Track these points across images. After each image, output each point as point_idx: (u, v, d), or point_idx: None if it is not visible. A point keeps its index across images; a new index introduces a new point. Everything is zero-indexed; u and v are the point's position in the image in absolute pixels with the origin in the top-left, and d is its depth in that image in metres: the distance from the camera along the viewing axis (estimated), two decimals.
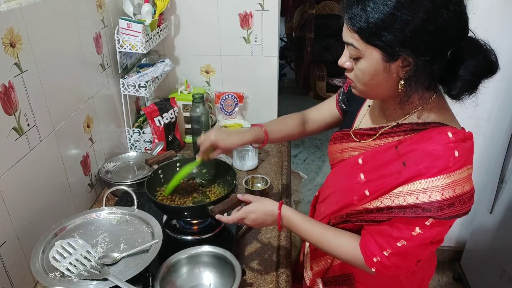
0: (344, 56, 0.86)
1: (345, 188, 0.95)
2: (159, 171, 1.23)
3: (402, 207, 0.81)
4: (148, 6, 1.54)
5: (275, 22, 1.73)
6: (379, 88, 0.85)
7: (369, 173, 0.89)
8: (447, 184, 0.77)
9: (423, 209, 0.78)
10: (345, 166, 0.99)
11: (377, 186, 0.86)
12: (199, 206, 1.07)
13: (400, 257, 0.85)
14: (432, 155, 0.79)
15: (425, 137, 0.81)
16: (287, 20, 4.51)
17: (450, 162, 0.78)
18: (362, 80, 0.84)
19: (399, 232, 0.83)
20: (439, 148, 0.78)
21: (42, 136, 1.08)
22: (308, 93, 4.67)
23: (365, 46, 0.78)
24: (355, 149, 0.98)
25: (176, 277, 1.00)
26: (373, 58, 0.79)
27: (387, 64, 0.79)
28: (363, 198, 0.88)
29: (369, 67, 0.81)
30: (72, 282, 0.85)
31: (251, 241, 1.22)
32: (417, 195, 0.79)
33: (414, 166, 0.80)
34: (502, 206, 1.83)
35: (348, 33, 0.80)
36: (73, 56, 1.24)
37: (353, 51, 0.81)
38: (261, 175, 1.50)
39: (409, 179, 0.80)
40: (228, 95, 1.85)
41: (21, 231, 1.00)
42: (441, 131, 0.81)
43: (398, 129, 0.89)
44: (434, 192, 0.78)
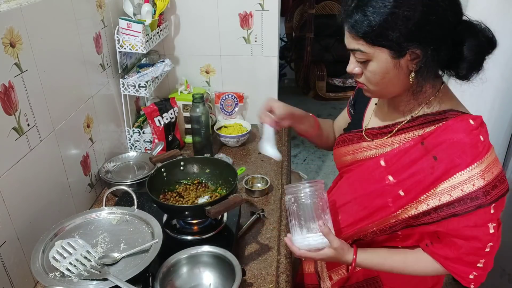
0: (351, 63, 0.88)
1: (372, 194, 0.93)
2: (162, 169, 1.23)
3: (450, 203, 0.82)
4: (148, 6, 1.54)
5: (275, 22, 1.73)
6: (391, 85, 0.87)
7: (398, 173, 0.88)
8: (484, 168, 0.80)
9: (471, 198, 0.80)
10: (364, 171, 0.97)
11: (411, 185, 0.86)
12: (198, 206, 1.07)
13: (491, 258, 0.85)
14: (461, 144, 0.80)
15: (449, 128, 0.83)
16: (287, 20, 4.51)
17: (479, 148, 0.80)
18: (374, 80, 0.86)
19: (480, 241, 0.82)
20: (467, 137, 0.80)
21: (42, 136, 1.08)
22: (308, 93, 4.66)
23: (373, 48, 0.81)
24: (369, 149, 0.98)
25: (176, 277, 1.00)
26: (382, 57, 0.82)
27: (397, 60, 0.81)
28: (398, 198, 0.88)
29: (380, 67, 0.83)
30: (72, 282, 0.85)
31: (251, 241, 1.22)
32: (461, 188, 0.80)
33: (447, 158, 0.81)
34: None
35: (352, 40, 0.83)
36: (73, 56, 1.24)
37: (361, 55, 0.83)
38: (261, 175, 1.50)
39: (446, 172, 0.81)
40: (228, 95, 1.85)
41: (21, 231, 1.00)
42: (463, 119, 0.83)
43: (414, 123, 0.90)
44: (476, 180, 0.79)
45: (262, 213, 1.32)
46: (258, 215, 1.31)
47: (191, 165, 1.29)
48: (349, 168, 1.05)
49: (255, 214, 1.31)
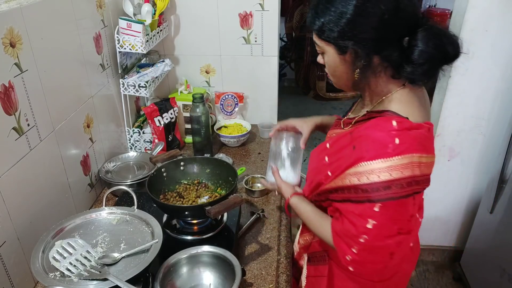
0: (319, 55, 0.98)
1: (316, 169, 1.03)
2: (162, 169, 1.23)
3: (347, 187, 0.89)
4: (148, 6, 1.54)
5: (275, 22, 1.73)
6: (342, 78, 0.95)
7: (331, 156, 0.97)
8: (384, 167, 0.83)
9: (362, 189, 0.85)
10: (317, 150, 1.06)
11: (335, 167, 0.93)
12: (198, 206, 1.07)
13: (369, 251, 0.88)
14: (374, 140, 0.85)
15: (372, 124, 0.88)
16: (287, 20, 4.51)
17: (389, 148, 0.83)
18: (329, 71, 0.97)
19: (356, 229, 0.87)
20: (381, 135, 0.84)
21: (42, 136, 1.08)
22: (308, 93, 4.66)
23: (322, 42, 0.90)
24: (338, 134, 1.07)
25: (176, 277, 1.00)
26: (330, 52, 0.91)
27: (342, 56, 0.89)
28: (327, 178, 0.97)
29: (330, 60, 0.93)
30: (72, 282, 0.85)
31: (251, 241, 1.22)
32: (359, 177, 0.86)
33: (359, 149, 0.87)
34: (502, 206, 1.83)
35: (313, 34, 0.93)
36: (73, 56, 1.24)
37: (317, 48, 0.93)
38: (261, 175, 1.50)
39: (355, 161, 0.87)
40: (228, 95, 1.85)
41: (21, 231, 1.00)
42: (387, 120, 0.86)
43: (364, 118, 0.97)
44: (372, 174, 0.84)
45: (262, 213, 1.32)
46: (258, 215, 1.31)
47: (191, 165, 1.29)
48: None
49: (255, 214, 1.31)
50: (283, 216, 1.34)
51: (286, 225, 1.31)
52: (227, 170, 1.24)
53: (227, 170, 1.24)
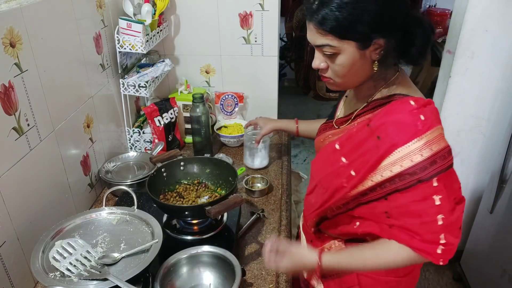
0: (317, 59, 0.92)
1: (330, 175, 0.97)
2: (162, 169, 1.23)
3: (391, 179, 0.85)
4: (148, 6, 1.54)
5: (275, 22, 1.73)
6: (357, 75, 0.92)
7: (349, 154, 0.92)
8: (422, 145, 0.82)
9: (410, 173, 0.83)
10: (323, 154, 1.03)
11: (360, 164, 0.89)
12: (198, 206, 1.07)
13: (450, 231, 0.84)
14: (400, 123, 0.84)
15: (391, 109, 0.87)
16: (287, 20, 4.51)
17: (419, 126, 0.83)
18: (342, 73, 0.91)
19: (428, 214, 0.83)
20: (406, 116, 0.84)
21: (42, 136, 1.07)
22: (308, 93, 4.66)
23: (341, 42, 0.85)
24: (334, 135, 1.04)
25: (176, 277, 1.00)
26: (349, 50, 0.86)
27: (362, 51, 0.87)
28: (351, 178, 0.91)
29: (347, 59, 0.87)
30: (72, 282, 0.85)
31: (251, 241, 1.22)
32: (400, 163, 0.83)
33: (388, 137, 0.85)
34: (502, 206, 1.83)
35: (319, 36, 0.87)
36: (73, 56, 1.24)
37: (330, 50, 0.87)
38: (261, 175, 1.50)
39: (387, 150, 0.84)
40: (228, 95, 1.85)
41: (21, 231, 1.00)
42: (404, 101, 0.87)
43: (367, 108, 0.96)
44: (414, 155, 0.82)
45: (262, 213, 1.32)
46: (258, 215, 1.31)
47: (191, 165, 1.29)
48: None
49: (255, 214, 1.31)
50: (283, 216, 1.34)
51: (286, 225, 1.31)
52: (227, 170, 1.24)
53: (227, 170, 1.24)
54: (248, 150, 1.57)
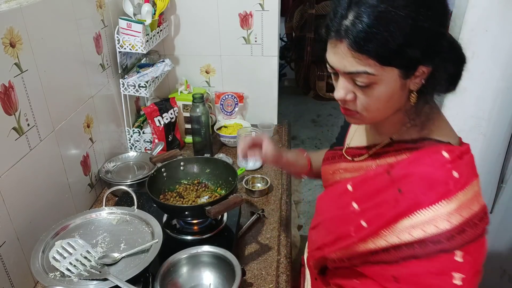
0: (342, 88, 0.74)
1: (337, 218, 0.86)
2: (162, 169, 1.23)
3: (410, 243, 0.71)
4: (148, 6, 1.54)
5: (275, 22, 1.73)
6: (390, 109, 0.75)
7: (362, 201, 0.80)
8: (452, 210, 0.69)
9: (433, 242, 0.69)
10: (334, 192, 0.90)
11: (374, 216, 0.77)
12: (198, 206, 1.07)
13: None
14: (429, 180, 0.71)
15: (419, 160, 0.74)
16: (287, 20, 4.51)
17: (450, 185, 0.70)
18: (375, 107, 0.74)
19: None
20: (436, 171, 0.71)
21: (42, 136, 1.08)
22: (308, 93, 4.67)
23: (382, 69, 0.68)
24: (346, 171, 0.90)
25: (176, 277, 1.00)
26: (390, 79, 0.69)
27: (404, 80, 0.71)
28: (360, 229, 0.78)
29: (386, 90, 0.71)
30: (72, 282, 0.85)
31: (251, 241, 1.22)
32: (422, 227, 0.70)
33: (411, 193, 0.72)
34: (502, 206, 1.83)
35: (353, 61, 0.69)
36: (73, 56, 1.24)
37: (365, 79, 0.70)
38: (261, 175, 1.50)
39: (409, 208, 0.72)
40: (228, 95, 1.85)
41: (21, 231, 1.00)
42: (436, 151, 0.73)
43: (391, 148, 0.81)
44: (440, 221, 0.69)
45: (262, 213, 1.32)
46: (258, 215, 1.31)
47: (191, 165, 1.29)
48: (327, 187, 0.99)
49: (255, 214, 1.31)
50: (283, 216, 1.34)
51: (286, 225, 1.31)
52: (227, 170, 1.24)
53: (227, 170, 1.24)
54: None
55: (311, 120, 4.28)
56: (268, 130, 1.81)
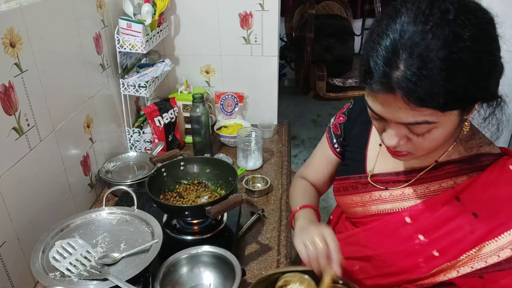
0: (395, 137, 0.69)
1: (400, 253, 0.82)
2: (162, 169, 1.23)
3: (498, 263, 0.72)
4: (148, 6, 1.54)
5: (275, 22, 1.73)
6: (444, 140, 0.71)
7: (430, 232, 0.78)
8: None
9: None
10: (386, 227, 0.85)
11: (448, 245, 0.75)
12: (198, 206, 1.07)
13: None
14: (506, 198, 0.70)
15: (489, 180, 0.72)
16: (287, 20, 4.51)
17: None
18: (430, 146, 0.70)
19: None
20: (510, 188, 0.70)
21: (42, 136, 1.07)
22: (308, 93, 4.66)
23: (443, 115, 0.63)
24: (384, 201, 0.85)
25: (176, 277, 1.00)
26: (450, 120, 0.65)
27: (463, 116, 0.68)
28: (432, 259, 0.77)
29: (446, 131, 0.67)
30: (72, 282, 0.85)
31: (251, 241, 1.22)
32: (510, 246, 0.70)
33: (490, 216, 0.71)
34: None
35: (412, 113, 0.62)
36: (73, 56, 1.24)
37: (425, 128, 0.65)
38: (261, 175, 1.50)
39: (491, 231, 0.71)
40: (228, 95, 1.85)
41: (21, 231, 1.00)
42: (503, 168, 0.72)
43: (440, 172, 0.78)
44: None
45: (262, 213, 1.32)
46: (258, 215, 1.31)
47: (191, 165, 1.29)
48: (361, 220, 0.92)
49: (255, 214, 1.31)
50: (283, 216, 1.34)
51: (286, 225, 1.31)
52: (227, 170, 1.24)
53: (227, 170, 1.24)
54: (241, 152, 1.57)
55: (311, 120, 4.28)
56: (268, 130, 1.81)
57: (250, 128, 1.64)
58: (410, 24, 0.59)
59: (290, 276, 0.81)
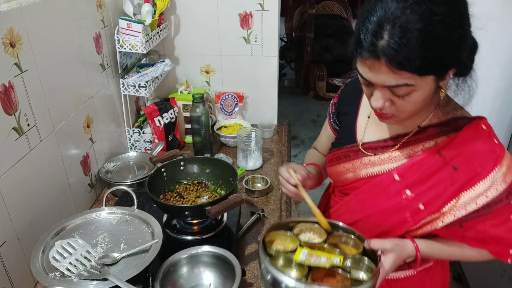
0: (380, 99, 0.79)
1: (388, 210, 0.90)
2: (162, 169, 1.23)
3: (476, 211, 0.82)
4: (148, 6, 1.54)
5: (275, 22, 1.73)
6: (423, 107, 0.82)
7: (416, 187, 0.86)
8: (505, 171, 0.82)
9: (495, 202, 0.81)
10: (376, 187, 0.93)
11: (432, 197, 0.84)
12: (198, 206, 1.07)
13: None
14: (481, 152, 0.82)
15: (466, 137, 0.84)
16: (287, 20, 4.51)
17: (497, 151, 0.82)
18: (411, 109, 0.80)
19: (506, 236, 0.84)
20: (484, 144, 0.82)
21: (42, 136, 1.08)
22: (308, 93, 4.66)
23: (420, 79, 0.73)
24: (373, 165, 0.94)
25: (176, 277, 1.00)
26: (427, 85, 0.75)
27: (438, 83, 0.77)
28: (417, 212, 0.86)
29: (423, 95, 0.77)
30: (72, 282, 0.85)
31: (251, 241, 1.22)
32: (485, 194, 0.81)
33: (468, 168, 0.82)
34: None
35: (393, 76, 0.73)
36: (73, 56, 1.24)
37: (405, 90, 0.75)
38: (261, 175, 1.50)
39: (468, 181, 0.82)
40: (228, 95, 1.85)
41: (21, 231, 1.00)
42: (476, 127, 0.84)
43: (422, 135, 0.88)
44: (499, 184, 0.81)
45: (262, 213, 1.32)
46: (258, 215, 1.31)
47: (191, 165, 1.29)
48: (352, 185, 1.01)
49: (255, 214, 1.31)
50: (283, 216, 1.34)
51: None
52: (227, 170, 1.24)
53: (227, 170, 1.24)
54: (241, 152, 1.58)
55: (311, 120, 4.28)
56: (268, 130, 1.81)
57: (250, 128, 1.65)
58: (393, 2, 0.71)
59: (304, 226, 0.94)
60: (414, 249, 0.89)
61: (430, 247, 0.91)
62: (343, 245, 0.92)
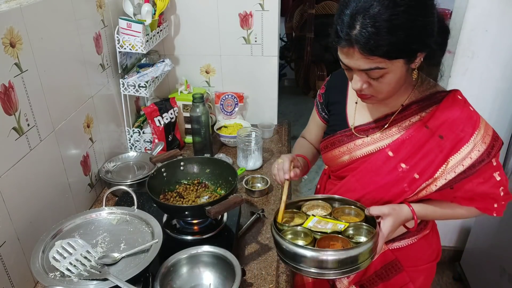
0: (358, 81, 0.90)
1: (387, 184, 0.99)
2: (162, 169, 1.23)
3: (463, 172, 0.92)
4: (148, 6, 1.54)
5: (275, 22, 1.73)
6: (398, 87, 0.93)
7: (409, 159, 0.96)
8: (483, 133, 0.92)
9: (479, 162, 0.92)
10: (372, 165, 1.01)
11: (424, 166, 0.94)
12: (198, 206, 1.07)
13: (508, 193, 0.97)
14: (460, 119, 0.92)
15: (446, 107, 0.94)
16: (287, 20, 4.51)
17: (474, 117, 0.93)
18: (387, 89, 0.91)
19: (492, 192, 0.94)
20: (462, 111, 0.92)
21: (42, 136, 1.08)
22: (308, 93, 4.66)
23: (390, 62, 0.83)
24: (366, 145, 1.03)
25: (176, 277, 1.00)
26: (398, 68, 0.86)
27: (408, 65, 0.88)
28: (414, 182, 0.96)
29: (395, 76, 0.87)
30: (72, 282, 0.85)
31: (251, 241, 1.22)
32: (469, 156, 0.92)
33: (452, 135, 0.92)
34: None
35: (365, 61, 0.83)
36: (73, 56, 1.24)
37: (378, 72, 0.86)
38: (261, 175, 1.50)
39: (454, 147, 0.92)
40: (228, 95, 1.85)
41: (21, 231, 1.00)
42: (453, 98, 0.95)
43: (407, 112, 0.98)
44: (480, 145, 0.91)
45: (262, 213, 1.32)
46: (258, 215, 1.31)
47: (191, 165, 1.29)
48: (349, 167, 1.08)
49: (255, 214, 1.31)
50: None
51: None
52: (227, 170, 1.24)
53: (227, 170, 1.24)
54: (241, 152, 1.58)
55: None
56: (268, 130, 1.81)
57: (250, 128, 1.65)
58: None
59: (312, 203, 1.07)
60: (410, 212, 0.98)
61: (424, 209, 1.00)
62: (346, 216, 1.02)
